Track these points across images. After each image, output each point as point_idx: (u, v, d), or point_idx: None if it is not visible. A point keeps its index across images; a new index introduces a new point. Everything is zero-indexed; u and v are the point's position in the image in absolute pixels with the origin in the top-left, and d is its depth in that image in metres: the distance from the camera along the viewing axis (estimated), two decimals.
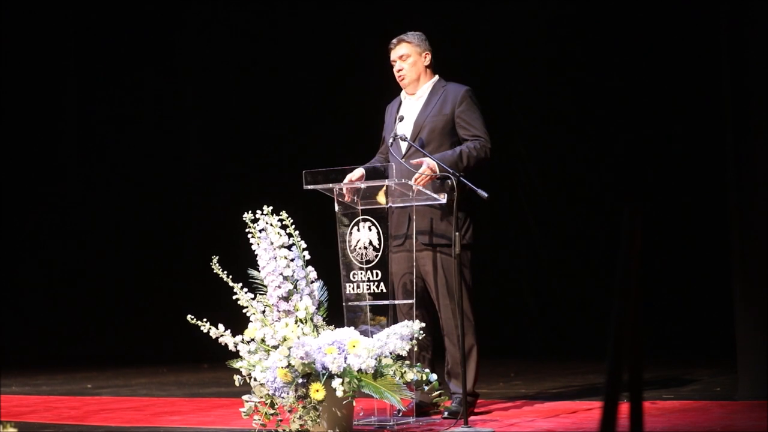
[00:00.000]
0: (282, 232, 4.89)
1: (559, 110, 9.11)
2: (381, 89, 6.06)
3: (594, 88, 8.84)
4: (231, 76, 10.51)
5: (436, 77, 5.40)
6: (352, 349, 4.58)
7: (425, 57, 5.35)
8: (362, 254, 4.97)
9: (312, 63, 9.90)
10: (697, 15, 8.03)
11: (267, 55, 10.21)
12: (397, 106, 5.43)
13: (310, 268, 4.93)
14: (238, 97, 10.43)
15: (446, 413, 5.04)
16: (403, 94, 5.44)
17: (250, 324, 4.82)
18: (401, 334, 4.65)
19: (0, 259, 10.85)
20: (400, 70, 5.33)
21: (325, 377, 4.56)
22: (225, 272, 4.84)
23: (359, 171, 5.10)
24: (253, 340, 4.77)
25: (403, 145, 5.26)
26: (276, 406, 4.71)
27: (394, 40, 5.36)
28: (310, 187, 5.01)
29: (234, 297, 4.86)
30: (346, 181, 5.04)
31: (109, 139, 11.05)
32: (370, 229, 4.96)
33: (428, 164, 5.02)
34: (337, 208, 5.03)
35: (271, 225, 4.88)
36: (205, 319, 4.78)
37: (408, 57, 5.32)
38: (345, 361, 4.57)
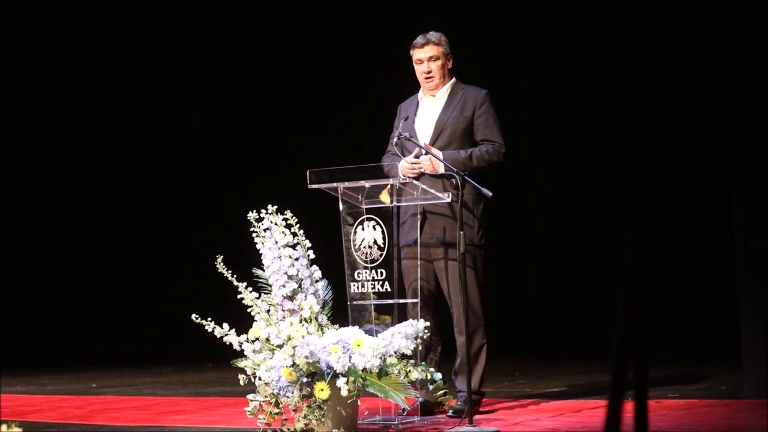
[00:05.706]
0: (287, 231, 4.88)
1: (566, 109, 9.10)
2: (387, 88, 6.05)
3: (600, 86, 8.82)
4: (235, 74, 10.50)
5: (453, 79, 5.39)
6: (356, 348, 4.58)
7: (449, 60, 5.35)
8: (367, 253, 4.96)
9: (318, 62, 9.89)
10: (702, 14, 8.02)
11: (272, 54, 10.20)
12: (415, 105, 5.42)
13: (314, 267, 4.93)
14: (243, 95, 10.42)
15: (451, 412, 5.04)
16: (420, 94, 5.42)
17: (254, 323, 4.82)
18: (406, 333, 4.65)
19: (5, 258, 10.86)
20: (429, 72, 5.30)
21: (329, 376, 4.56)
22: (229, 271, 4.84)
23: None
24: (257, 339, 4.77)
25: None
26: (281, 406, 4.71)
27: (421, 40, 5.32)
28: (314, 186, 5.01)
29: (239, 296, 4.86)
30: (410, 159, 5.09)
31: (115, 139, 11.05)
32: (374, 228, 4.96)
33: (431, 159, 5.05)
34: (341, 207, 5.03)
35: (276, 224, 4.88)
36: (209, 319, 4.79)
37: (437, 59, 5.30)
38: (350, 360, 4.57)
